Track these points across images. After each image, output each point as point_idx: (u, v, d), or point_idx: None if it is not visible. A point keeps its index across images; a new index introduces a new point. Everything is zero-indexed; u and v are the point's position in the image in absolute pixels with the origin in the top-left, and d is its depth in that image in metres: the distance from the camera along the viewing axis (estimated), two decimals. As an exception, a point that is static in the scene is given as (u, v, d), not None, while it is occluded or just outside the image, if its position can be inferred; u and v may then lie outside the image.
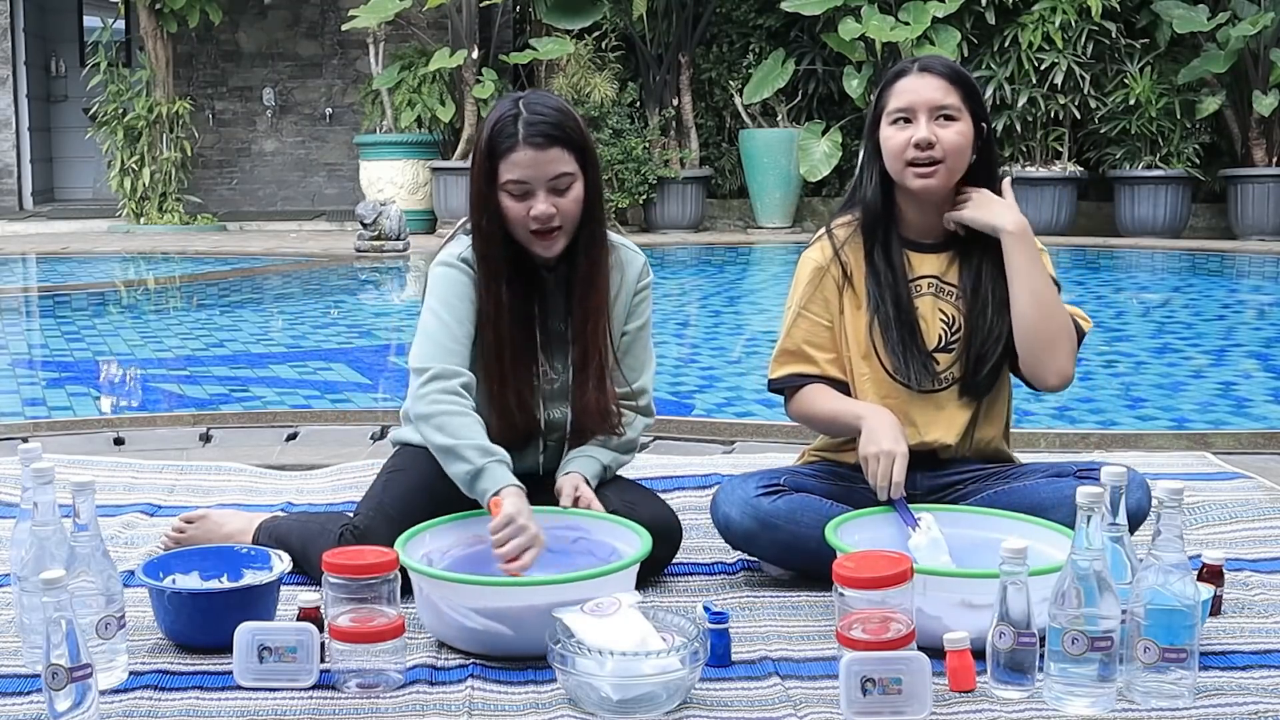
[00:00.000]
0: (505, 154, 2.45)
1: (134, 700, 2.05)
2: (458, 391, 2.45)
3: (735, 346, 6.79)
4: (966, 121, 2.53)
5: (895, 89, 2.56)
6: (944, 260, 2.61)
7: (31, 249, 10.84)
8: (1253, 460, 3.61)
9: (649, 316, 2.70)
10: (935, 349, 2.60)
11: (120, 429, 4.12)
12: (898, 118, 2.54)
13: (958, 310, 2.60)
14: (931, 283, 2.61)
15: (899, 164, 2.54)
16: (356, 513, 2.56)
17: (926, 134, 2.50)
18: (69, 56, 14.52)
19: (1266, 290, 8.82)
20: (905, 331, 2.57)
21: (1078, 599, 1.96)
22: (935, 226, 2.61)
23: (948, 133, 2.51)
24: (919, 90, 2.52)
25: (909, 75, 2.55)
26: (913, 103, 2.52)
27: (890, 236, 2.60)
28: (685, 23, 11.43)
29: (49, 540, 2.12)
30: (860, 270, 2.61)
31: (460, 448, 2.39)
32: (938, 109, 2.51)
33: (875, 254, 2.60)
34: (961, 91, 2.53)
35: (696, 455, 3.68)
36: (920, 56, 2.64)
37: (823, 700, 2.04)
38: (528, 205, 2.46)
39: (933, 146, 2.50)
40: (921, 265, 2.61)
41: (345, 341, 6.79)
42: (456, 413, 2.43)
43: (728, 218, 11.90)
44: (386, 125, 11.64)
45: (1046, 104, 10.60)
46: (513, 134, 2.44)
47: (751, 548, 2.59)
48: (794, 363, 2.63)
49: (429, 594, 2.25)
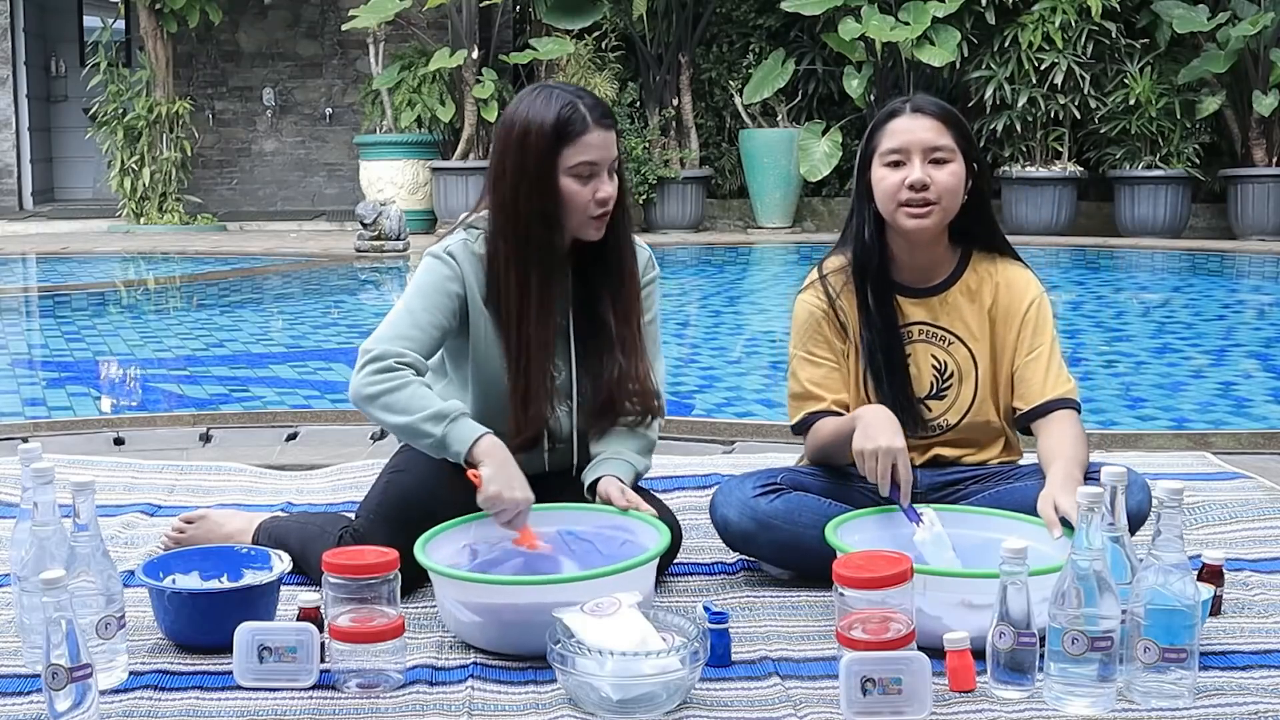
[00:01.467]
0: (576, 137, 2.44)
1: (134, 700, 2.05)
2: (392, 367, 2.43)
3: (735, 346, 6.79)
4: (959, 162, 2.52)
5: (887, 129, 2.53)
6: (935, 305, 2.62)
7: (31, 249, 10.84)
8: (1253, 460, 3.61)
9: (657, 311, 2.70)
10: (926, 396, 2.61)
11: (120, 429, 4.11)
12: (891, 159, 2.52)
13: (949, 355, 2.61)
14: (923, 329, 2.61)
15: (892, 205, 2.52)
16: (356, 515, 2.56)
17: (921, 175, 2.48)
18: (69, 56, 14.52)
19: (1266, 290, 8.82)
20: (897, 382, 2.58)
21: (1078, 599, 1.96)
22: (927, 269, 2.61)
23: (941, 174, 2.50)
24: (913, 131, 2.50)
25: (902, 116, 2.53)
26: (906, 143, 2.50)
27: (882, 283, 2.59)
28: (685, 23, 11.43)
29: (49, 540, 2.12)
30: (854, 319, 2.61)
31: (416, 423, 2.39)
32: (931, 150, 2.50)
33: (868, 303, 2.59)
34: (954, 132, 2.52)
35: (696, 455, 3.68)
36: (910, 97, 2.62)
37: (823, 700, 2.04)
38: (593, 187, 2.47)
39: (927, 188, 2.48)
40: (913, 311, 2.61)
41: (345, 341, 6.78)
42: (397, 387, 2.42)
43: (728, 218, 11.90)
44: (386, 125, 11.64)
45: (1046, 104, 10.60)
46: (582, 118, 2.45)
47: (750, 548, 2.59)
48: (805, 404, 2.64)
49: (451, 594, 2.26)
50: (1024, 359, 2.59)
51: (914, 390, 2.60)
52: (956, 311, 2.61)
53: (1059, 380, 2.57)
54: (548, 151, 2.45)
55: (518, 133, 2.48)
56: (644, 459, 2.64)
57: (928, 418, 2.61)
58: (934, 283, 2.62)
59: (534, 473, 2.53)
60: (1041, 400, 2.56)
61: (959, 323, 2.61)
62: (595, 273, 2.59)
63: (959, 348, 2.61)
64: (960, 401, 2.62)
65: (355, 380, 2.45)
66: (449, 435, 2.39)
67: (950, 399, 2.62)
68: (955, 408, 2.62)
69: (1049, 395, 2.56)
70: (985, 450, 2.67)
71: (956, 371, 2.61)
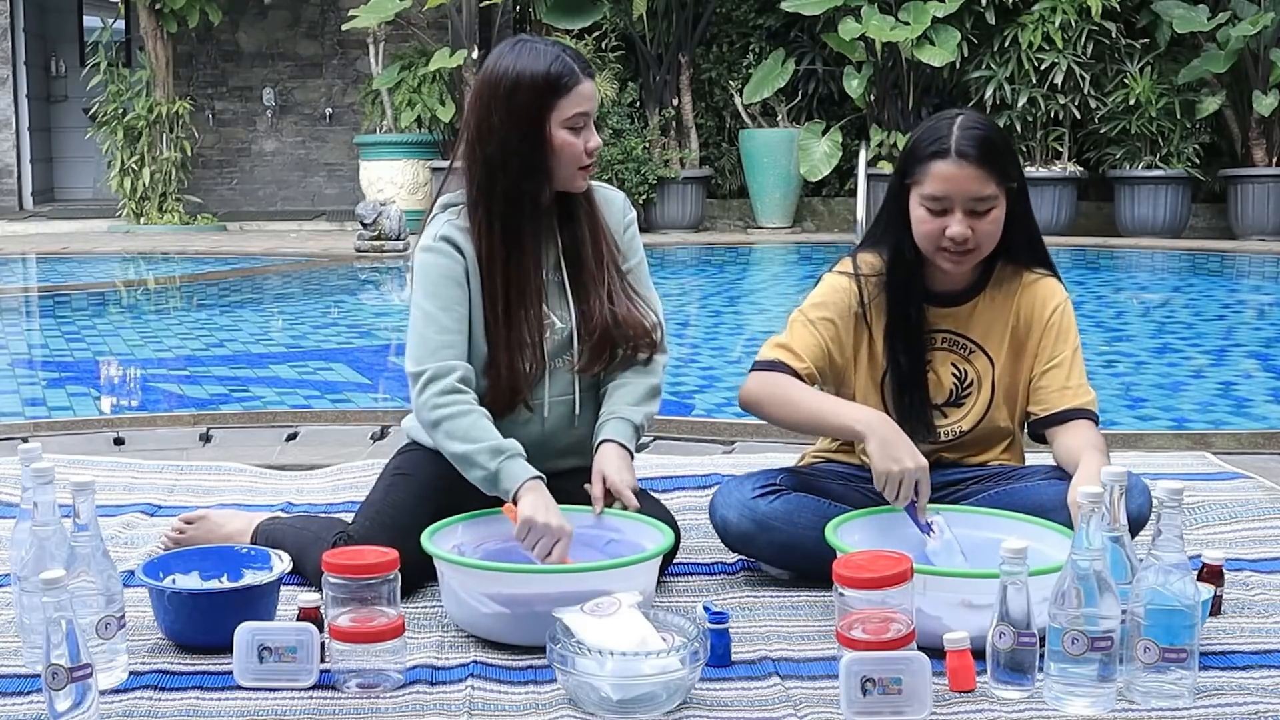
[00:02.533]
0: (570, 89, 2.46)
1: (134, 700, 2.05)
2: (456, 389, 2.44)
3: (735, 346, 6.78)
4: (1001, 204, 2.46)
5: (931, 172, 2.45)
6: (963, 313, 2.60)
7: (31, 249, 10.84)
8: (1253, 460, 3.61)
9: (643, 253, 2.72)
10: (944, 403, 2.60)
11: (120, 429, 4.11)
12: (931, 206, 2.46)
13: (969, 364, 2.60)
14: (946, 337, 2.60)
15: (931, 246, 2.49)
16: (355, 518, 2.56)
17: (962, 229, 2.43)
18: (69, 56, 14.52)
19: (1266, 290, 8.82)
20: (916, 394, 2.57)
21: (1078, 599, 1.96)
22: (959, 281, 2.58)
23: (983, 224, 2.45)
24: (956, 182, 2.42)
25: (946, 161, 2.43)
26: (948, 193, 2.43)
27: (913, 295, 2.57)
28: (685, 23, 11.43)
29: (49, 540, 2.12)
30: (881, 326, 2.58)
31: (473, 454, 2.40)
32: (974, 201, 2.44)
33: (897, 315, 2.57)
34: (997, 175, 2.44)
35: (696, 455, 3.68)
36: (955, 125, 2.45)
37: (823, 700, 2.04)
38: (584, 138, 2.49)
39: (968, 240, 2.45)
40: (940, 320, 2.60)
41: (345, 341, 6.79)
42: (461, 414, 2.43)
43: (728, 218, 11.90)
44: (386, 125, 11.64)
45: (1046, 104, 10.59)
46: (572, 69, 2.46)
47: (750, 549, 2.59)
48: (783, 353, 2.58)
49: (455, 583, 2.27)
50: (1043, 366, 2.57)
51: (932, 398, 2.59)
52: (981, 319, 2.60)
53: (1079, 391, 2.55)
54: (541, 105, 2.45)
55: (506, 86, 2.46)
56: (644, 408, 2.61)
57: (941, 425, 2.60)
58: (962, 289, 2.60)
59: (532, 439, 2.52)
60: (1060, 409, 2.54)
61: (982, 331, 2.59)
62: (572, 223, 2.59)
63: (979, 356, 2.60)
64: (975, 409, 2.61)
65: (418, 402, 2.47)
66: (502, 471, 2.39)
67: (967, 407, 2.61)
68: (970, 415, 2.61)
69: (1067, 404, 2.53)
70: (988, 452, 2.67)
71: (976, 380, 2.60)
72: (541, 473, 2.41)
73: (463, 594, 2.27)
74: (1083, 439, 2.48)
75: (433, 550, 2.29)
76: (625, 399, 2.60)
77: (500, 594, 2.23)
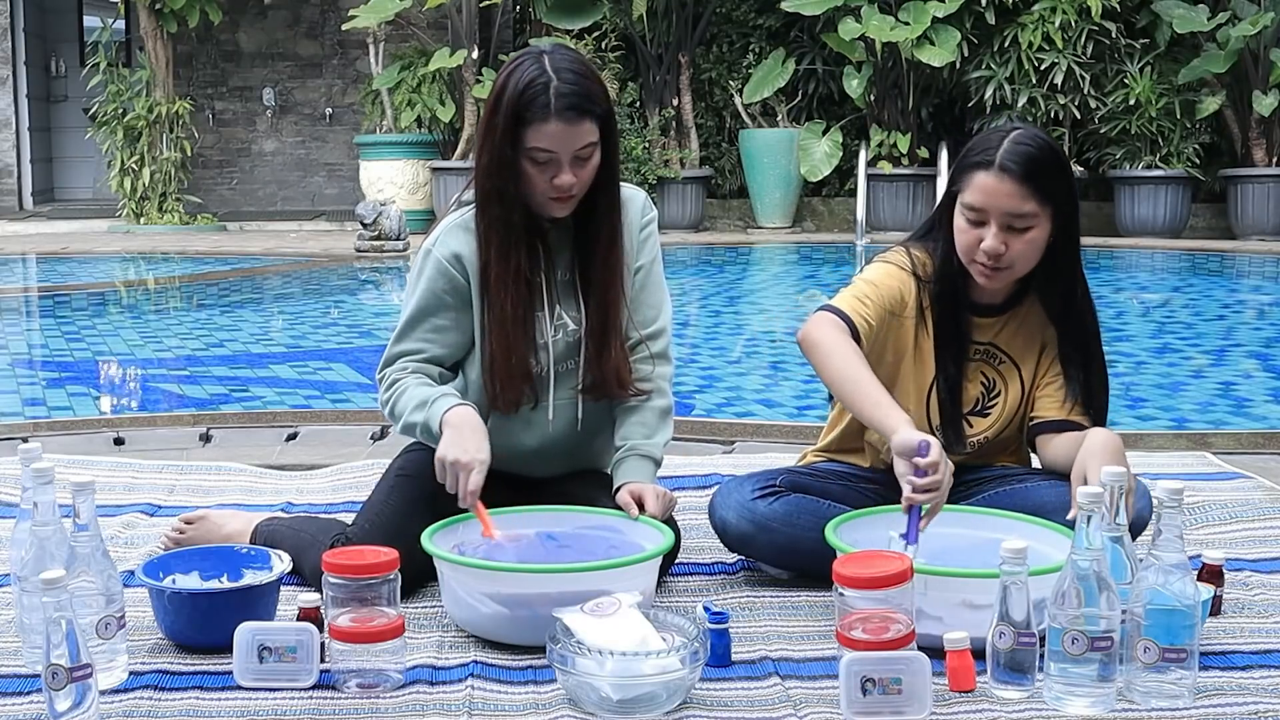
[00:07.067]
0: (535, 123, 2.38)
1: (134, 700, 2.05)
2: (395, 380, 2.51)
3: (735, 346, 6.79)
4: (1042, 225, 2.42)
5: (973, 182, 2.42)
6: (998, 325, 2.59)
7: (31, 249, 10.84)
8: (1253, 460, 3.61)
9: (659, 253, 2.67)
10: (970, 412, 2.60)
11: (120, 429, 4.11)
12: (970, 216, 2.44)
13: (998, 374, 2.60)
14: (980, 348, 2.60)
15: (966, 257, 2.48)
16: (355, 519, 2.56)
17: (996, 244, 2.41)
18: (69, 56, 14.52)
19: (1266, 290, 8.82)
20: (952, 401, 2.57)
21: (1078, 599, 1.96)
22: (998, 294, 2.56)
23: (1018, 242, 2.42)
24: (994, 195, 2.40)
25: (987, 173, 2.40)
26: (985, 205, 2.41)
27: (960, 304, 2.56)
28: (685, 23, 11.43)
29: (49, 540, 2.12)
30: (930, 330, 2.57)
31: (409, 419, 2.46)
32: (1010, 217, 2.41)
33: (948, 324, 2.56)
34: (1039, 194, 2.40)
35: (696, 455, 3.68)
36: (1004, 147, 2.40)
37: (823, 700, 2.04)
38: (550, 174, 2.41)
39: (1001, 256, 2.43)
40: (978, 332, 2.59)
41: (345, 341, 6.79)
42: (396, 394, 2.49)
43: (728, 218, 11.90)
44: (386, 125, 11.64)
45: (1046, 104, 10.59)
46: (545, 104, 2.37)
47: (749, 550, 2.59)
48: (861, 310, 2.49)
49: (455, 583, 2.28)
50: (1051, 374, 2.58)
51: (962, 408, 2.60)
52: (1015, 331, 2.59)
53: (1078, 408, 2.56)
54: (509, 130, 2.41)
55: (491, 99, 2.46)
56: (659, 436, 2.60)
57: (969, 435, 2.61)
58: (1001, 301, 2.58)
59: (536, 441, 2.54)
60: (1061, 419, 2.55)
61: (1015, 344, 2.59)
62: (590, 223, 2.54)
63: (1009, 368, 2.60)
64: (999, 419, 2.61)
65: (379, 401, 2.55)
66: (430, 420, 2.42)
67: (992, 418, 2.61)
68: (995, 425, 2.62)
69: (1066, 415, 2.55)
70: (997, 457, 2.67)
71: (1003, 390, 2.60)
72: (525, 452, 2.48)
73: (462, 594, 2.27)
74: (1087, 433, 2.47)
75: (433, 550, 2.29)
76: (640, 430, 2.59)
77: (500, 594, 2.23)
